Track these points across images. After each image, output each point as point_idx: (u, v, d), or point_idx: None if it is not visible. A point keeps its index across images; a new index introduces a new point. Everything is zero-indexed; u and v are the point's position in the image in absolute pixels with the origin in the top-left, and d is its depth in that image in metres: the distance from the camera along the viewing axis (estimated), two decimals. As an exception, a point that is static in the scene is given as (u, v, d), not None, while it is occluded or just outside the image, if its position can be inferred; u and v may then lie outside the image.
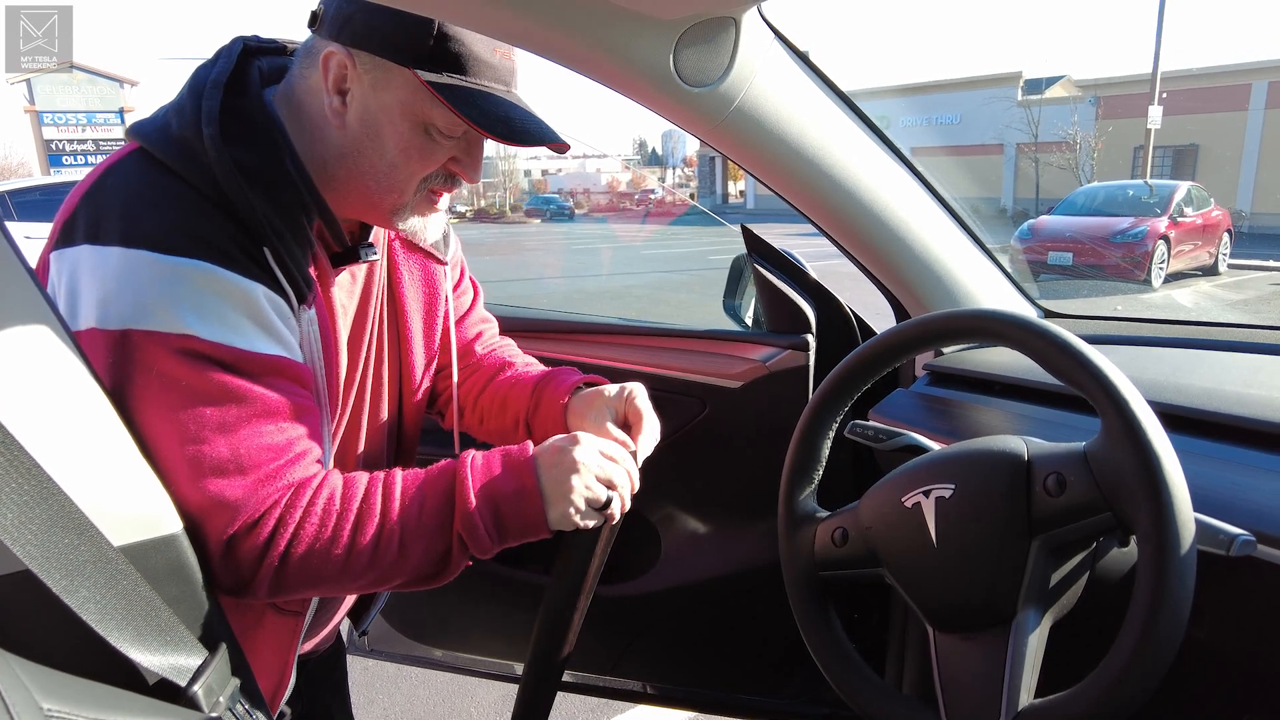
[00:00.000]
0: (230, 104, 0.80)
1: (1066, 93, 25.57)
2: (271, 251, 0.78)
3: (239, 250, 0.75)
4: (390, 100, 0.81)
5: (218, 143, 0.77)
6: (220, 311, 0.74)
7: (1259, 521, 0.74)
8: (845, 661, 0.86)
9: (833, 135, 1.09)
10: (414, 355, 1.03)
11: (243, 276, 0.75)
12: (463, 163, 0.86)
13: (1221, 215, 12.79)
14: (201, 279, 0.73)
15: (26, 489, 0.55)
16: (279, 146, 0.82)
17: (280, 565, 0.76)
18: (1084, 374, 0.70)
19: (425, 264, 1.03)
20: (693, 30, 0.88)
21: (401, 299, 1.00)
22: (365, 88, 0.81)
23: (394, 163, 0.83)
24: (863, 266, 1.27)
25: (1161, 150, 21.46)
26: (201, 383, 0.73)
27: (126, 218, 0.73)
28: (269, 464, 0.75)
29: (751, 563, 1.47)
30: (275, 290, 0.78)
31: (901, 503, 0.81)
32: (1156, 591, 0.62)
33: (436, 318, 1.05)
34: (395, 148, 0.82)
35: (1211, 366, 1.08)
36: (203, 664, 0.67)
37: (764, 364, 1.40)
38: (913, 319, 0.87)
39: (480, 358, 1.13)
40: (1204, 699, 0.86)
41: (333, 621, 1.09)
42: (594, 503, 0.83)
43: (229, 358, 0.74)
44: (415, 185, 0.85)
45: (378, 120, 0.82)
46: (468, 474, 0.81)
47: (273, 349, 0.77)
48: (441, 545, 0.80)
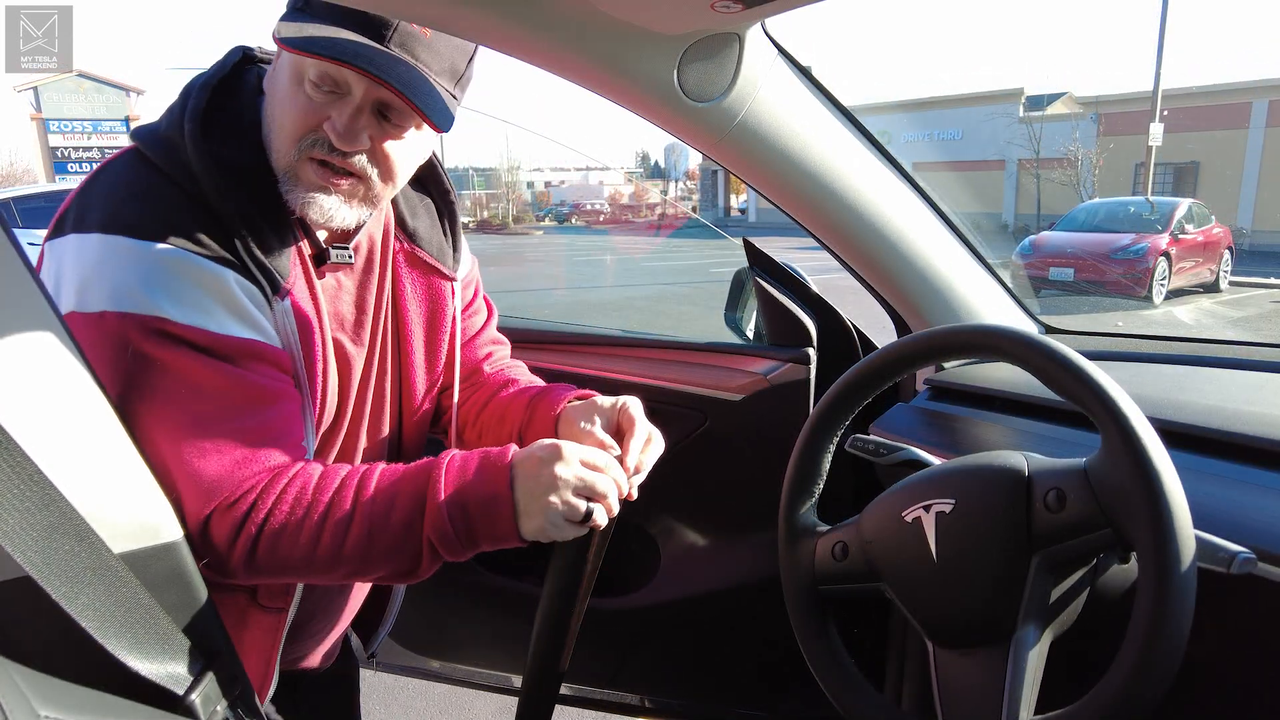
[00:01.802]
0: (219, 103, 0.84)
1: (1068, 109, 25.66)
2: (242, 243, 0.80)
3: (211, 239, 0.78)
4: (281, 63, 0.82)
5: (196, 138, 0.80)
6: (193, 296, 0.76)
7: (1260, 539, 0.74)
8: (844, 676, 0.86)
9: (835, 150, 1.09)
10: (415, 372, 1.01)
11: (213, 262, 0.78)
12: (332, 120, 0.80)
13: (1223, 232, 12.81)
14: (175, 264, 0.76)
15: (29, 495, 0.55)
16: (262, 142, 0.84)
17: (252, 548, 0.77)
18: (1084, 390, 0.70)
19: (430, 279, 1.01)
20: (697, 46, 0.89)
21: (404, 313, 0.99)
22: (278, 59, 0.84)
23: (276, 119, 0.83)
24: (864, 280, 1.27)
25: (1162, 167, 21.51)
26: (176, 364, 0.75)
27: (109, 208, 0.77)
28: (244, 446, 0.77)
29: (751, 576, 1.47)
30: (248, 279, 0.80)
31: (902, 517, 0.81)
32: (1157, 609, 0.62)
33: (441, 335, 1.03)
34: (278, 105, 0.82)
35: (1212, 383, 1.08)
36: (200, 672, 0.67)
37: (765, 377, 1.40)
38: (914, 334, 0.87)
39: (486, 376, 1.11)
40: (1205, 717, 0.86)
41: (332, 633, 1.08)
42: (571, 516, 0.79)
43: (201, 340, 0.76)
44: (292, 144, 0.81)
45: (273, 84, 0.83)
46: (441, 475, 0.80)
47: (246, 333, 0.79)
48: (410, 546, 0.79)
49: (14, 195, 9.14)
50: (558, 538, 0.81)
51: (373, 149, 0.83)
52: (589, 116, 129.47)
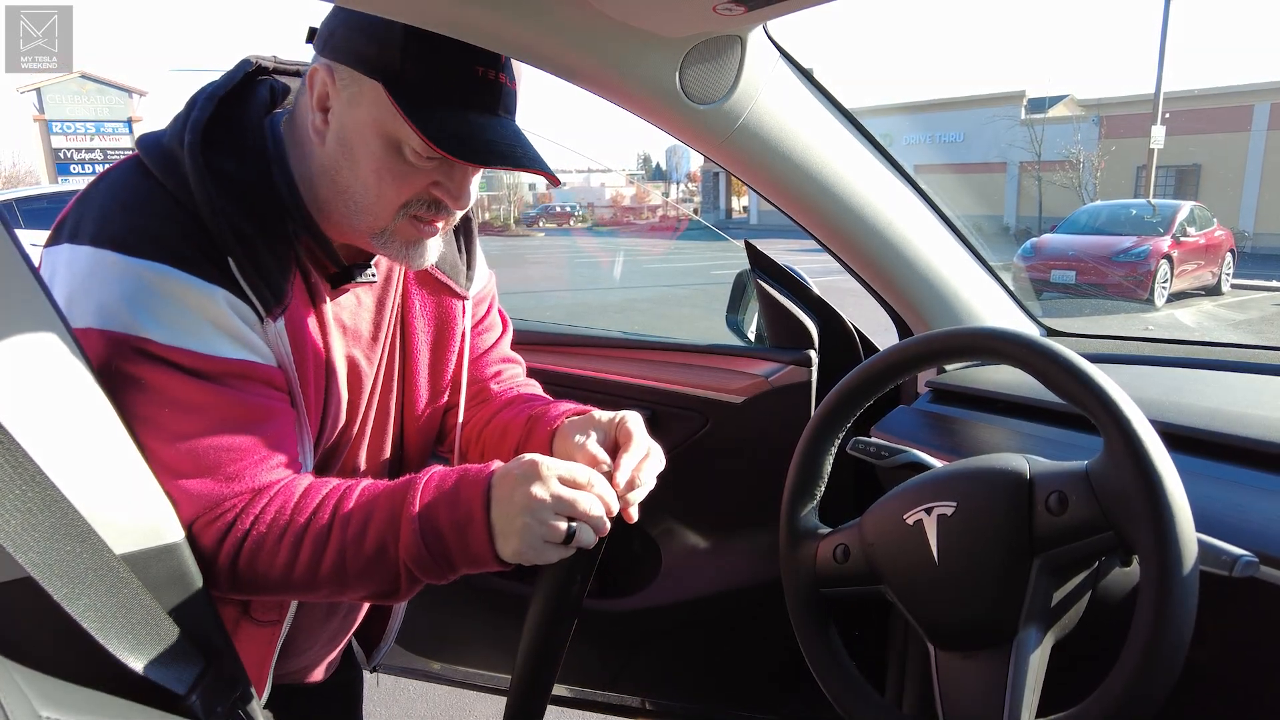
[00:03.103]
0: (225, 115, 0.81)
1: (1069, 112, 25.66)
2: (235, 261, 0.77)
3: (202, 256, 0.76)
4: (364, 117, 0.77)
5: (195, 150, 0.77)
6: (177, 315, 0.74)
7: (1262, 543, 0.74)
8: (845, 679, 0.86)
9: (836, 152, 1.09)
10: (419, 390, 0.99)
11: (203, 280, 0.75)
12: (444, 186, 0.80)
13: (1224, 235, 12.80)
14: (159, 282, 0.74)
15: (30, 496, 0.55)
16: (267, 159, 0.82)
17: (233, 563, 0.76)
18: (1086, 393, 0.70)
19: (440, 296, 0.98)
20: (699, 48, 0.89)
21: (411, 330, 0.97)
22: (343, 104, 0.78)
23: (367, 184, 0.79)
24: (865, 283, 1.27)
25: (1164, 170, 21.50)
26: (160, 383, 0.73)
27: (101, 219, 0.75)
28: (230, 465, 0.76)
29: (752, 578, 1.47)
30: (239, 297, 0.78)
31: (903, 520, 0.81)
32: (1159, 612, 0.62)
33: (449, 353, 1.00)
34: (368, 168, 0.79)
35: (1214, 386, 1.08)
36: (201, 673, 0.67)
37: (766, 379, 1.40)
38: (916, 336, 0.87)
39: (492, 394, 1.06)
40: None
41: (332, 648, 1.06)
42: (551, 538, 0.74)
43: (186, 361, 0.74)
44: (394, 211, 0.80)
45: (351, 138, 0.79)
46: (416, 496, 0.76)
47: (235, 353, 0.77)
48: (385, 568, 0.76)
49: (16, 197, 9.15)
50: (539, 561, 0.76)
51: None
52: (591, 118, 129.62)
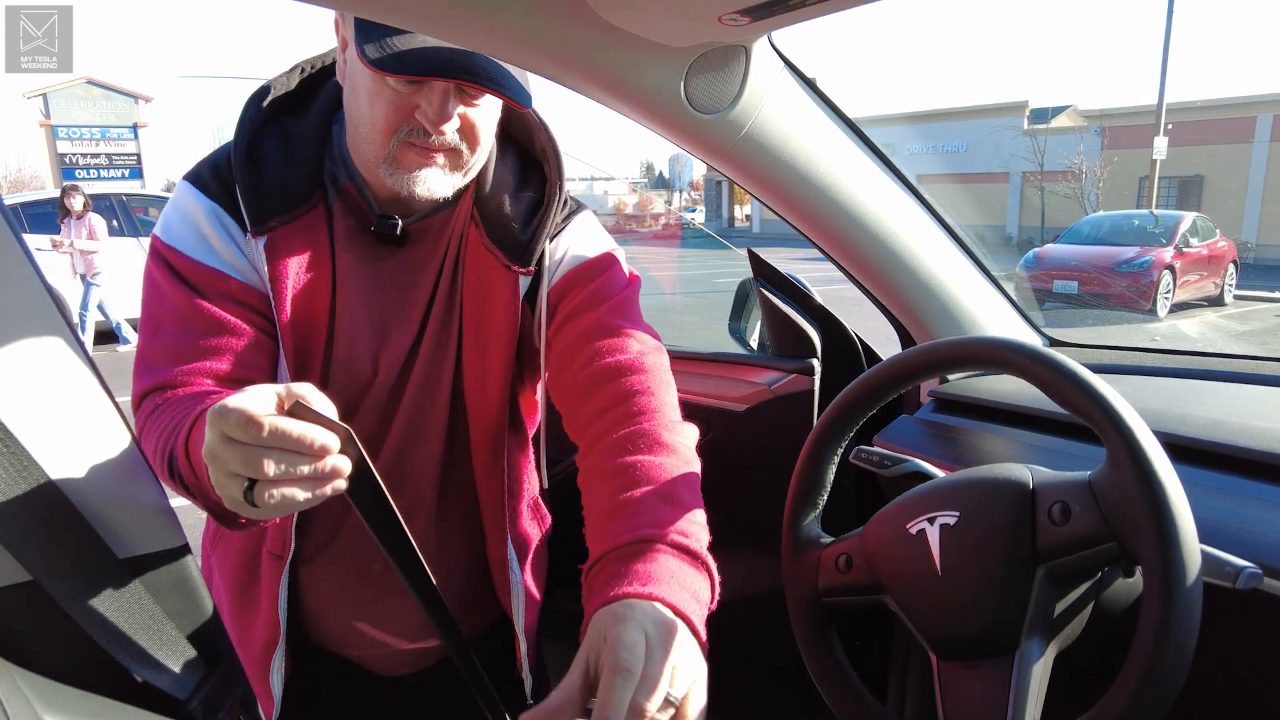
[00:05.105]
0: (311, 81, 0.97)
1: (1072, 122, 25.73)
2: (238, 182, 0.89)
3: (218, 181, 0.91)
4: (357, 68, 0.85)
5: (256, 97, 0.93)
6: (180, 221, 0.91)
7: (1266, 555, 0.73)
8: (847, 689, 0.86)
9: (840, 162, 1.10)
10: (475, 364, 0.96)
11: (205, 196, 0.90)
12: (423, 110, 0.85)
13: (1227, 246, 12.81)
14: (184, 197, 0.92)
15: (34, 500, 0.55)
16: (327, 111, 0.95)
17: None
18: (1089, 403, 0.70)
19: (498, 269, 0.95)
20: (704, 58, 0.89)
21: (468, 302, 0.96)
22: (351, 44, 0.85)
23: (364, 112, 0.86)
24: (868, 292, 1.27)
25: (1167, 181, 21.55)
26: (155, 274, 0.90)
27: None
28: (181, 352, 0.87)
29: (753, 588, 1.47)
30: (230, 214, 0.90)
31: (906, 529, 0.80)
32: (1162, 623, 0.62)
33: (507, 329, 0.95)
34: (364, 97, 0.86)
35: (1217, 397, 1.08)
36: (203, 678, 0.67)
37: (769, 388, 1.40)
38: (919, 346, 0.87)
39: (581, 383, 0.92)
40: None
41: (365, 619, 1.01)
42: (228, 491, 0.60)
43: (173, 259, 0.89)
44: (389, 137, 0.86)
45: (353, 71, 0.87)
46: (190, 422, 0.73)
47: (214, 263, 0.89)
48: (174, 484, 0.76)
49: (21, 201, 9.17)
50: (253, 515, 0.62)
51: (460, 124, 0.87)
52: (594, 126, 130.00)
